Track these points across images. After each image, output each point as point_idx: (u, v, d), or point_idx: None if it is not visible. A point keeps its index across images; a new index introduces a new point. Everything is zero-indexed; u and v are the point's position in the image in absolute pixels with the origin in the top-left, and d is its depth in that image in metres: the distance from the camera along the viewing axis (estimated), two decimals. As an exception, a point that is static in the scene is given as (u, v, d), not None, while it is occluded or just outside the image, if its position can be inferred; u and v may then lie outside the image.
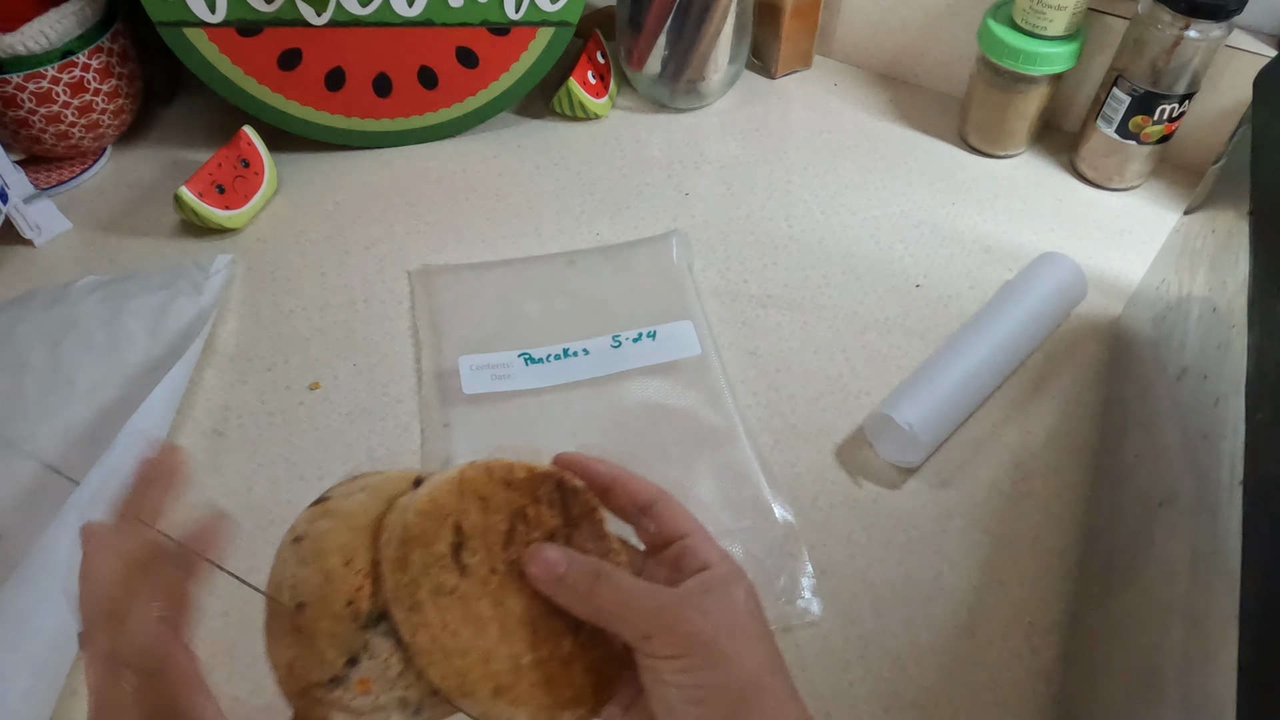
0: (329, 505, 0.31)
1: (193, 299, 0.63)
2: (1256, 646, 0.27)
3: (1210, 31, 0.63)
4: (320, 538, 0.30)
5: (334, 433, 0.59)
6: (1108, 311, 0.66)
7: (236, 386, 0.62)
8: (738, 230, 0.72)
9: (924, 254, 0.71)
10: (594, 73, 0.81)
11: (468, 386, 0.59)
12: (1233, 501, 0.31)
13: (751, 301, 0.67)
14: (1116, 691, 0.39)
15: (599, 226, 0.73)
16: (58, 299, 0.63)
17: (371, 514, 0.30)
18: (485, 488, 0.31)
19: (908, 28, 0.82)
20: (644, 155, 0.79)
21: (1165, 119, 0.69)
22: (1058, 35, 0.70)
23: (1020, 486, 0.57)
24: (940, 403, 0.56)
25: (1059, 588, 0.52)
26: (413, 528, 0.29)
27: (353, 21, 0.70)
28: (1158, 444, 0.45)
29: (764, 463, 0.57)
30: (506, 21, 0.73)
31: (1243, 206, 0.42)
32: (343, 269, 0.69)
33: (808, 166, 0.78)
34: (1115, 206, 0.75)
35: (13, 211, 0.68)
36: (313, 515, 0.31)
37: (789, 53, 0.85)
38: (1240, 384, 0.34)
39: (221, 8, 0.68)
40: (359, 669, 0.29)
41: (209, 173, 0.70)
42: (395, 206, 0.74)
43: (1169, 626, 0.34)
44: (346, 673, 0.28)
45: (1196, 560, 0.33)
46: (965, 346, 0.59)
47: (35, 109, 0.69)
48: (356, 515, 0.30)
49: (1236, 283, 0.39)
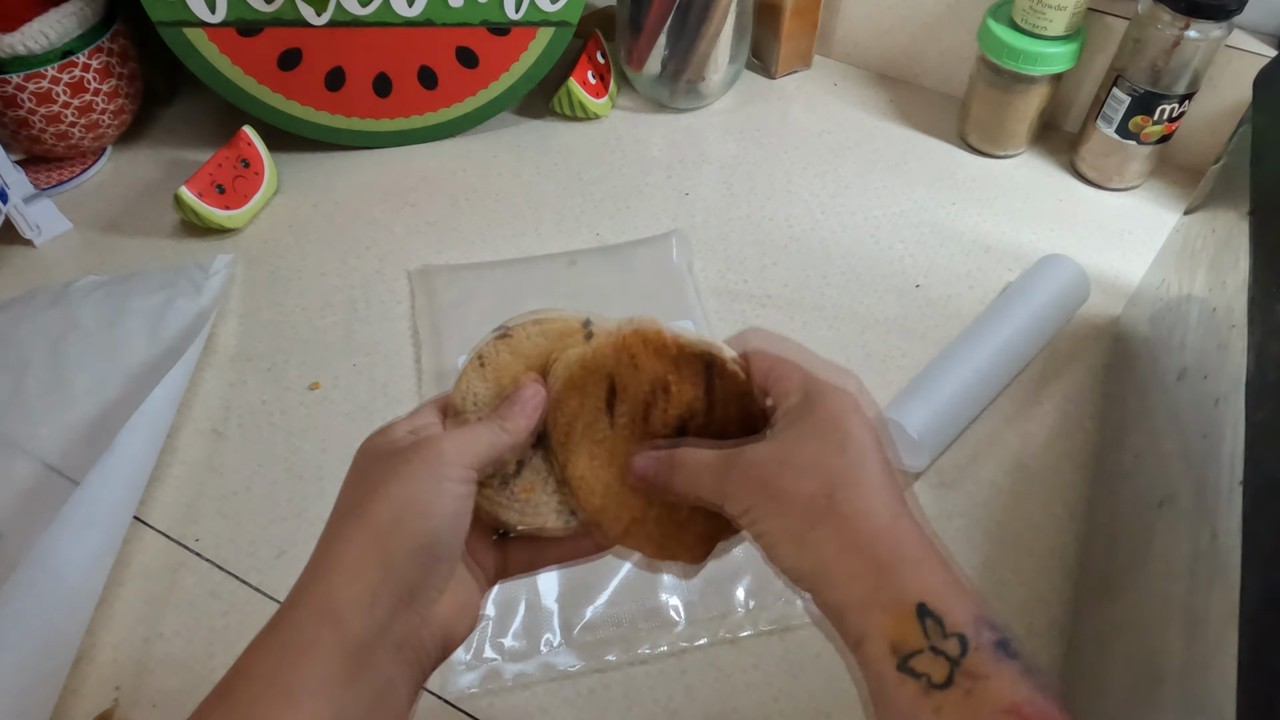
0: (510, 341, 0.35)
1: (193, 299, 0.63)
2: (1256, 646, 0.27)
3: (1210, 31, 0.63)
4: (499, 366, 0.35)
5: (334, 433, 0.59)
6: (1108, 312, 0.66)
7: (236, 386, 0.62)
8: (738, 230, 0.72)
9: (924, 254, 0.71)
10: (594, 73, 0.81)
11: None
12: (1233, 501, 0.31)
13: (751, 301, 0.67)
14: (1116, 691, 0.39)
15: (599, 226, 0.73)
16: (58, 299, 0.63)
17: (543, 353, 0.35)
18: (639, 352, 0.34)
19: (908, 27, 0.82)
20: (644, 155, 0.79)
21: (1165, 119, 0.69)
22: (1058, 35, 0.70)
23: (1020, 487, 0.57)
24: (946, 409, 0.56)
25: (1059, 588, 0.52)
26: (575, 377, 0.34)
27: (353, 21, 0.70)
28: (1158, 444, 0.45)
29: None
30: (506, 21, 0.73)
31: (1243, 206, 0.42)
32: (343, 269, 0.69)
33: (808, 166, 0.78)
34: (1115, 206, 0.75)
35: (13, 211, 0.68)
36: (495, 345, 0.35)
37: (789, 53, 0.85)
38: (1240, 384, 0.34)
39: (221, 8, 0.68)
40: (523, 477, 0.35)
41: (209, 173, 0.70)
42: (395, 206, 0.74)
43: (1169, 626, 0.34)
44: (512, 479, 0.34)
45: (1196, 560, 0.33)
46: (971, 352, 0.59)
47: (35, 109, 0.69)
48: (531, 354, 0.35)
49: (1236, 283, 0.39)
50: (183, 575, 0.52)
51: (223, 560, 0.53)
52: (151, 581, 0.52)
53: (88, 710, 0.47)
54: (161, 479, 0.56)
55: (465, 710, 0.48)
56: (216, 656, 0.49)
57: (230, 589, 0.52)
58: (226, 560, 0.53)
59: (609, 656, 0.49)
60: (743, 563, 0.51)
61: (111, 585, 0.51)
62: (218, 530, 0.54)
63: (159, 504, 0.55)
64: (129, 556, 0.53)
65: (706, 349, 0.34)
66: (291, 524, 0.55)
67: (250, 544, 0.54)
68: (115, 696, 0.48)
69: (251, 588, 0.52)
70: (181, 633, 0.50)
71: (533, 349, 0.36)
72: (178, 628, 0.50)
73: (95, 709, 0.47)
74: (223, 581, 0.52)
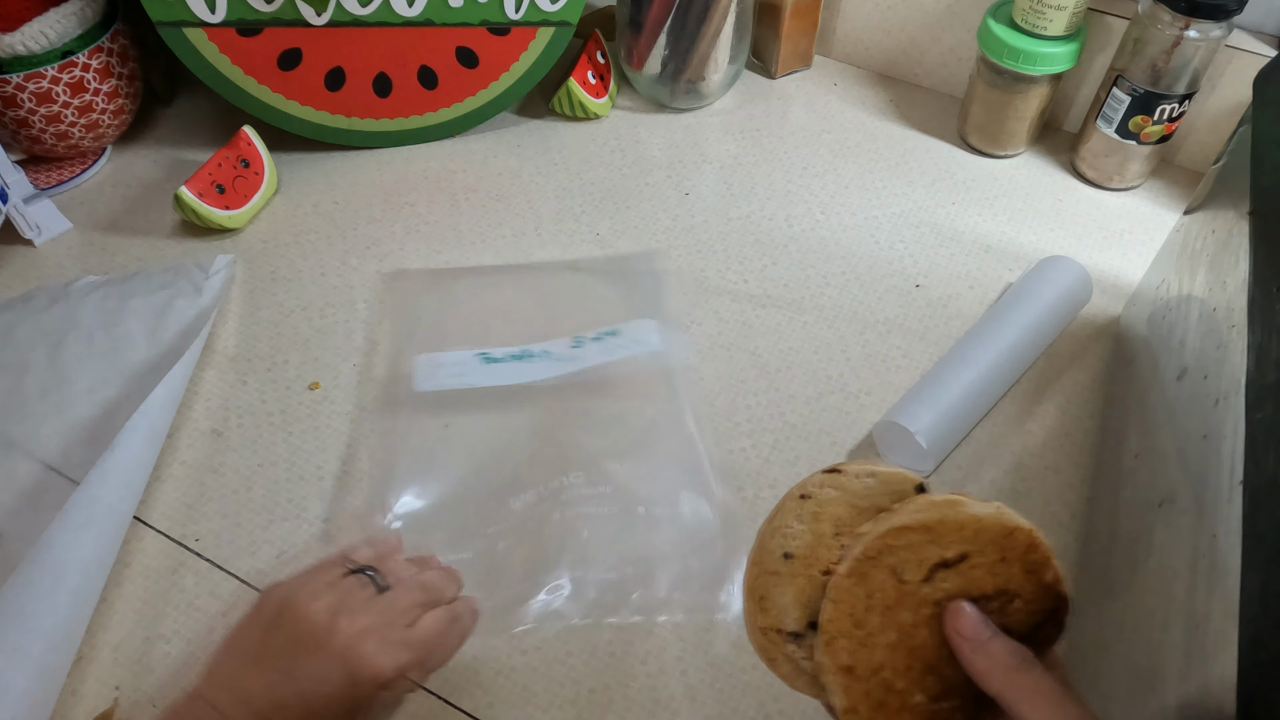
0: (840, 478, 0.33)
1: (193, 299, 0.63)
2: (1256, 646, 0.27)
3: (1210, 31, 0.63)
4: (823, 503, 0.33)
5: (334, 433, 0.59)
6: (1108, 311, 0.66)
7: (236, 386, 0.62)
8: (738, 230, 0.72)
9: (924, 254, 0.71)
10: (594, 73, 0.81)
11: (421, 384, 0.59)
12: (1233, 501, 0.31)
13: (751, 301, 0.67)
14: (1116, 691, 0.39)
15: (599, 226, 0.73)
16: (58, 299, 0.63)
17: (873, 501, 0.33)
18: (1011, 554, 0.31)
19: (908, 28, 0.82)
20: (644, 155, 0.79)
21: (1165, 119, 0.69)
22: (1058, 35, 0.70)
23: (1020, 486, 0.57)
24: (951, 413, 0.56)
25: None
26: (894, 544, 0.31)
27: (353, 21, 0.70)
28: (1158, 444, 0.45)
29: (717, 469, 0.56)
30: (506, 21, 0.73)
31: (1243, 206, 0.42)
32: (343, 269, 0.69)
33: (808, 166, 0.78)
34: (1115, 206, 0.75)
35: (13, 211, 0.68)
36: (823, 481, 0.33)
37: (789, 53, 0.85)
38: (1240, 384, 0.34)
39: (221, 8, 0.68)
40: (817, 634, 0.31)
41: (209, 173, 0.70)
42: (395, 206, 0.74)
43: (1169, 626, 0.34)
44: (808, 633, 0.32)
45: (1196, 560, 0.33)
46: (975, 355, 0.59)
47: (35, 109, 0.69)
48: (860, 496, 0.33)
49: (1236, 283, 0.39)
50: (183, 575, 0.52)
51: (223, 560, 0.53)
52: (151, 581, 0.52)
53: (88, 710, 0.47)
54: (161, 479, 0.56)
55: (465, 710, 0.48)
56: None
57: (230, 589, 0.52)
58: (226, 560, 0.53)
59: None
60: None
61: (111, 585, 0.51)
62: (218, 530, 0.54)
63: (159, 504, 0.55)
64: (129, 556, 0.53)
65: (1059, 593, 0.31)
66: (291, 524, 0.55)
67: (250, 544, 0.54)
68: (115, 696, 0.48)
69: (252, 588, 0.52)
70: (181, 633, 0.50)
71: (861, 489, 0.33)
72: (178, 628, 0.50)
73: (95, 709, 0.47)
74: (223, 581, 0.52)
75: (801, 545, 0.32)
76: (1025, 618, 0.31)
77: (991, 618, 0.31)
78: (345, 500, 0.55)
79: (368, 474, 0.56)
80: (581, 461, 0.56)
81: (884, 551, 0.31)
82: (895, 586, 0.31)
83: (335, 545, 0.48)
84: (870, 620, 0.31)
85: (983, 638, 0.30)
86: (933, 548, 0.31)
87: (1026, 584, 0.31)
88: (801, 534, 0.32)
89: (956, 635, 0.31)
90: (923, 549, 0.31)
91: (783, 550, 0.32)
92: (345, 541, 0.47)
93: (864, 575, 0.31)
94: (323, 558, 0.44)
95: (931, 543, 0.31)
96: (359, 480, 0.56)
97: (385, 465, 0.56)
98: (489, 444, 0.58)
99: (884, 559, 0.31)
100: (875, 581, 0.31)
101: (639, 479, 0.55)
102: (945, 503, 0.31)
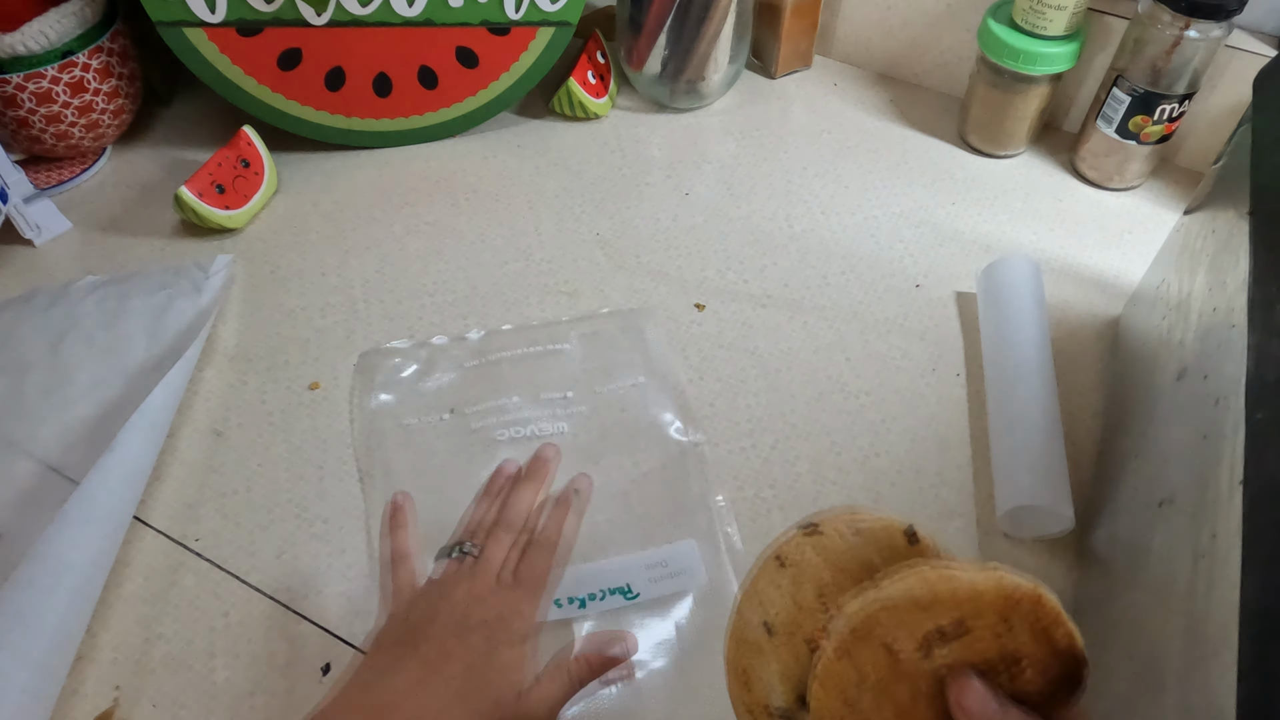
0: (821, 540, 0.30)
1: (193, 299, 0.63)
2: (1256, 646, 0.27)
3: (1210, 31, 0.63)
4: (803, 568, 0.30)
5: (334, 433, 0.59)
6: (1108, 311, 0.66)
7: (236, 386, 0.62)
8: (738, 230, 0.72)
9: (924, 254, 0.71)
10: (594, 73, 0.81)
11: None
12: (1233, 501, 0.31)
13: (751, 301, 0.67)
14: (1116, 691, 0.39)
15: (599, 226, 0.73)
16: (58, 299, 0.63)
17: (859, 559, 0.30)
18: (1015, 618, 0.28)
19: (908, 28, 0.82)
20: (644, 155, 0.79)
21: (1165, 119, 0.69)
22: (1058, 35, 0.70)
23: (1020, 486, 0.57)
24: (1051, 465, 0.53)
25: (1059, 588, 0.52)
26: (883, 619, 0.28)
27: (353, 21, 0.70)
28: (1157, 444, 0.45)
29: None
30: (506, 21, 0.73)
31: (1243, 206, 0.42)
32: (343, 269, 0.69)
33: (808, 166, 0.78)
34: (1115, 206, 0.75)
35: (13, 211, 0.68)
36: (801, 544, 0.30)
37: (789, 53, 0.85)
38: (1240, 384, 0.34)
39: (221, 8, 0.68)
40: (806, 712, 0.29)
41: (209, 173, 0.70)
42: (395, 206, 0.74)
43: (1169, 626, 0.34)
44: (797, 713, 0.29)
45: (1196, 560, 0.33)
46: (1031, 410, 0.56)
47: (35, 109, 0.69)
48: (844, 557, 0.30)
49: (1236, 283, 0.39)
50: (183, 575, 0.52)
51: (223, 560, 0.53)
52: (151, 581, 0.52)
53: (88, 710, 0.47)
54: (161, 479, 0.56)
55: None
56: (217, 656, 0.49)
57: (230, 589, 0.52)
58: (226, 560, 0.53)
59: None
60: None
61: (111, 585, 0.51)
62: (218, 530, 0.54)
63: (159, 504, 0.55)
64: (129, 556, 0.53)
65: (1078, 656, 0.28)
66: (291, 524, 0.55)
67: (250, 544, 0.54)
68: (115, 696, 0.48)
69: (251, 588, 0.52)
70: (181, 633, 0.50)
71: (845, 552, 0.30)
72: (178, 628, 0.50)
73: (95, 709, 0.47)
74: (223, 581, 0.52)
75: (782, 614, 0.30)
76: (1039, 682, 0.28)
77: (1000, 686, 0.28)
78: (345, 500, 0.55)
79: (368, 473, 0.56)
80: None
81: (873, 626, 0.28)
82: (889, 661, 0.28)
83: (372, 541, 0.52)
84: (863, 700, 0.28)
85: (991, 712, 0.27)
86: (926, 618, 0.28)
87: (1036, 647, 0.28)
88: (781, 602, 0.30)
89: (962, 712, 0.27)
90: (916, 620, 0.28)
91: (762, 620, 0.30)
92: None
93: (853, 652, 0.28)
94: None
95: (924, 613, 0.28)
96: (359, 480, 0.56)
97: (386, 464, 0.56)
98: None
99: (874, 633, 0.28)
100: (866, 657, 0.28)
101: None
102: (938, 578, 0.28)
